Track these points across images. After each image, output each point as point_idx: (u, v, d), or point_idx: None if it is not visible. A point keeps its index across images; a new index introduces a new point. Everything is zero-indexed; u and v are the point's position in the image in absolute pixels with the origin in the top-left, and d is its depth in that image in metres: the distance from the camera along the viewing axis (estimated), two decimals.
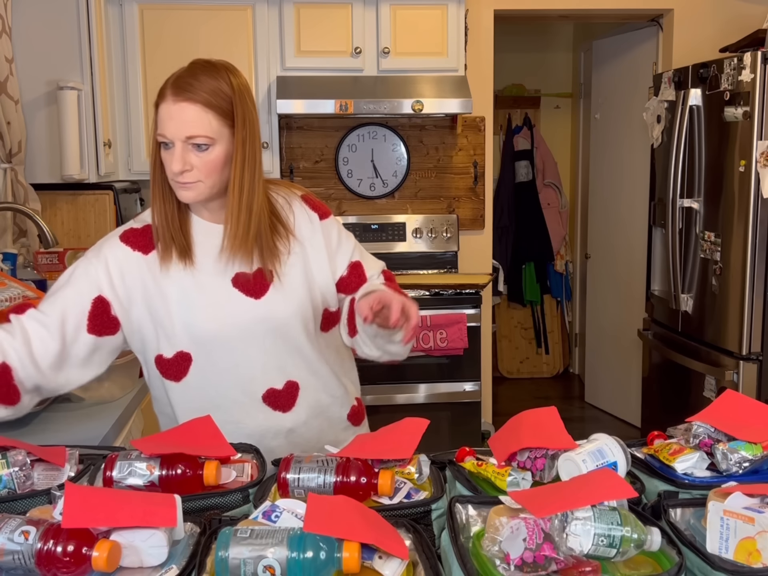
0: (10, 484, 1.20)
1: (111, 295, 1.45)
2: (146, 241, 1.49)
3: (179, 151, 1.39)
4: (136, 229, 1.51)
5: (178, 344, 1.47)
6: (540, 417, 1.33)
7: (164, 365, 1.49)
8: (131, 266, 1.46)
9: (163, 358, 1.48)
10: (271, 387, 1.51)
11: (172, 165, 1.40)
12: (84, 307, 1.43)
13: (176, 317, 1.46)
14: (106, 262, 1.46)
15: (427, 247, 3.96)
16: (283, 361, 1.51)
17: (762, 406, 1.38)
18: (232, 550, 0.95)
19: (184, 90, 1.38)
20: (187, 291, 1.46)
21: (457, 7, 3.55)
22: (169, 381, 1.50)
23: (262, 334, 1.48)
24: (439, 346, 3.36)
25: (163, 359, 1.48)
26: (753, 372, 3.20)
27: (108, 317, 1.45)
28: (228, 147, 1.41)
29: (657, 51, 4.21)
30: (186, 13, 3.44)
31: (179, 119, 1.37)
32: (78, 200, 3.15)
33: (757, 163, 3.05)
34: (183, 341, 1.46)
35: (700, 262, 3.42)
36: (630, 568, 0.99)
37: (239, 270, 1.47)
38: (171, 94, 1.38)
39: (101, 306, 1.44)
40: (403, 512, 1.13)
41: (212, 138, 1.39)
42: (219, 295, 1.47)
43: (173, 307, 1.46)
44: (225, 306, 1.46)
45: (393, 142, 3.98)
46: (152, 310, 1.46)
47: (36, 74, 2.98)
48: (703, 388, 3.40)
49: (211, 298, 1.46)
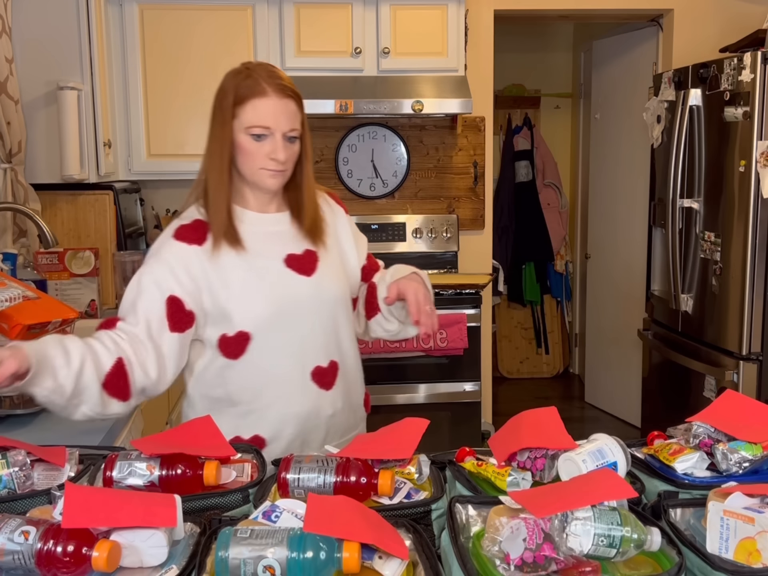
0: (10, 484, 1.21)
1: (181, 292, 1.56)
2: (199, 234, 1.60)
3: (281, 142, 1.56)
4: (186, 225, 1.62)
5: (239, 324, 1.57)
6: (540, 417, 1.33)
7: (226, 344, 1.59)
8: (191, 259, 1.57)
9: (226, 336, 1.59)
10: (318, 365, 1.64)
11: (278, 154, 1.56)
12: (161, 310, 1.54)
13: (237, 299, 1.57)
14: (168, 263, 1.57)
15: (427, 247, 3.96)
16: (328, 339, 1.65)
17: (762, 406, 1.38)
18: (232, 550, 0.95)
19: (286, 89, 1.57)
20: (244, 274, 1.58)
21: (457, 7, 3.55)
22: (228, 359, 1.60)
23: (313, 310, 1.62)
24: (439, 346, 3.36)
25: (225, 338, 1.59)
26: (753, 372, 3.20)
27: (184, 313, 1.56)
28: (302, 142, 1.62)
29: (657, 51, 4.21)
30: (186, 13, 3.44)
31: (286, 113, 1.56)
32: (78, 200, 3.15)
33: (757, 163, 3.05)
34: (243, 321, 1.58)
35: (700, 262, 3.42)
36: (630, 568, 0.99)
37: (290, 252, 1.63)
38: (276, 92, 1.56)
39: (175, 305, 1.55)
40: (403, 512, 1.13)
41: (300, 131, 1.60)
42: (273, 275, 1.61)
43: (234, 291, 1.57)
44: (280, 284, 1.60)
45: (393, 142, 3.98)
46: (215, 295, 1.57)
47: (36, 74, 2.97)
48: (703, 388, 3.40)
49: (266, 279, 1.60)
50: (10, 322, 1.79)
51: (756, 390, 3.20)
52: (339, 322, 1.67)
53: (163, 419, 2.43)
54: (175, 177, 3.61)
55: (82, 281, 2.84)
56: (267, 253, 1.62)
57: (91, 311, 2.86)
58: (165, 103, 3.49)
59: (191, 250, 1.58)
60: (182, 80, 3.47)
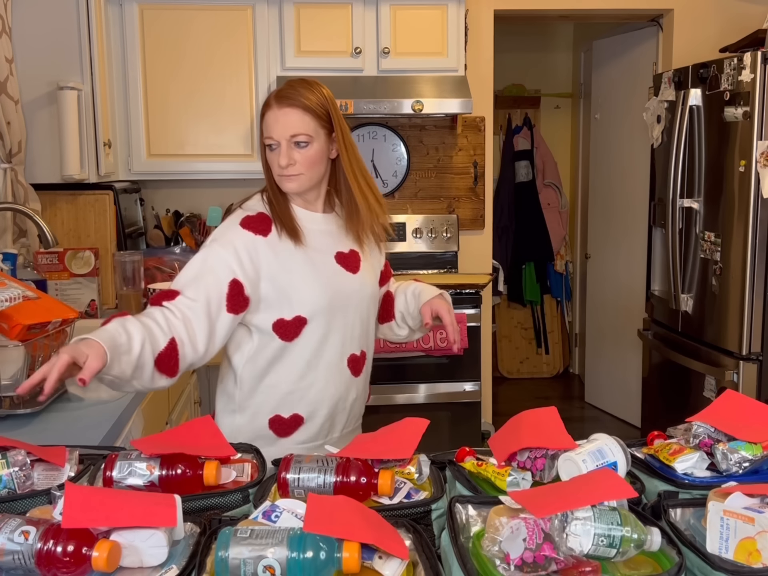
0: (10, 484, 1.21)
1: (243, 277, 1.67)
2: (264, 226, 1.72)
3: (285, 149, 1.68)
4: (252, 216, 1.73)
5: (297, 309, 1.71)
6: (540, 417, 1.34)
7: (283, 327, 1.72)
8: (257, 248, 1.69)
9: (284, 320, 1.72)
10: (353, 353, 1.80)
11: (280, 160, 1.68)
12: (222, 289, 1.65)
13: (297, 287, 1.71)
14: (235, 248, 1.68)
15: (427, 247, 3.96)
16: (363, 330, 1.82)
17: (762, 406, 1.38)
18: (232, 550, 0.95)
19: (286, 98, 1.68)
20: (304, 265, 1.72)
21: (457, 7, 3.55)
22: (284, 341, 1.73)
23: (356, 303, 1.79)
24: (439, 346, 3.36)
25: (283, 321, 1.72)
26: (753, 372, 3.20)
27: (242, 297, 1.68)
28: (324, 145, 1.71)
29: (657, 51, 4.21)
30: (186, 13, 3.44)
31: (284, 121, 1.67)
32: (78, 200, 3.14)
33: (757, 163, 3.05)
34: (301, 307, 1.71)
35: (700, 262, 3.42)
36: (630, 568, 0.99)
37: (339, 250, 1.79)
38: (276, 103, 1.69)
39: (237, 288, 1.66)
40: (403, 512, 1.13)
41: (311, 136, 1.68)
42: (328, 269, 1.75)
43: (295, 278, 1.71)
44: (333, 277, 1.75)
45: (393, 142, 3.98)
46: (276, 282, 1.70)
47: (36, 74, 2.97)
48: (703, 388, 3.40)
49: (323, 272, 1.74)
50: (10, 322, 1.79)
51: (756, 390, 3.20)
52: (371, 316, 1.86)
53: (163, 419, 2.43)
54: (175, 177, 3.61)
55: (82, 281, 2.84)
56: (321, 248, 1.76)
57: (91, 311, 2.86)
58: (165, 103, 3.49)
59: (257, 240, 1.69)
60: (182, 80, 3.47)
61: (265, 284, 1.70)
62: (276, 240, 1.72)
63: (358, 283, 1.79)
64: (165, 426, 2.45)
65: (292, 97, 1.68)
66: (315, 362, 1.75)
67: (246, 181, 3.84)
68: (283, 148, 1.68)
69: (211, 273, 1.65)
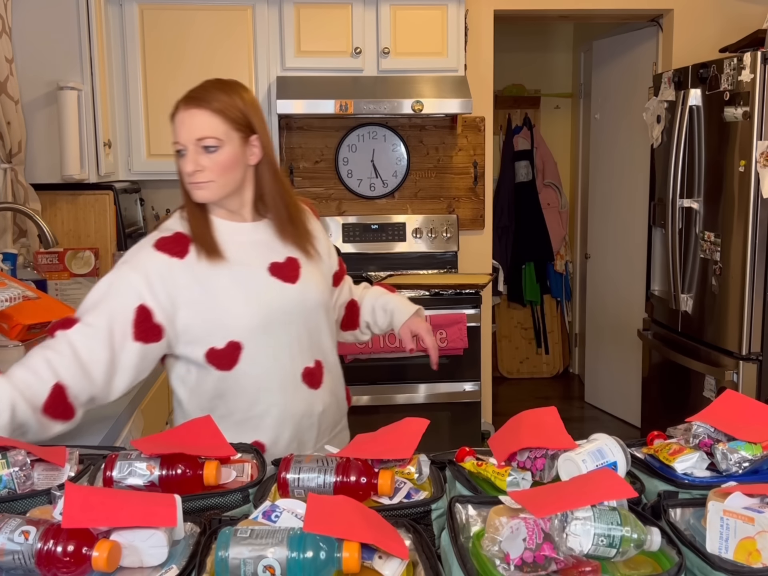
0: (10, 484, 1.20)
1: (153, 303, 1.53)
2: (180, 247, 1.58)
3: (191, 154, 1.54)
4: (167, 237, 1.60)
5: (229, 335, 1.58)
6: (540, 417, 1.33)
7: (216, 356, 1.59)
8: (173, 273, 1.56)
9: (215, 350, 1.58)
10: (306, 366, 1.67)
11: (186, 166, 1.55)
12: (128, 315, 1.51)
13: (225, 311, 1.57)
14: (145, 271, 1.54)
15: (427, 247, 3.96)
16: (312, 341, 1.68)
17: (762, 406, 1.38)
18: (232, 550, 0.95)
19: (193, 99, 1.55)
20: (230, 285, 1.58)
21: (457, 7, 3.55)
22: (221, 371, 1.60)
23: (299, 315, 1.65)
24: (439, 346, 3.35)
25: (215, 351, 1.58)
26: (753, 372, 3.20)
27: (151, 324, 1.53)
28: (237, 150, 1.57)
29: (657, 51, 4.21)
30: (186, 13, 3.44)
31: (190, 124, 1.54)
32: (78, 200, 3.15)
33: (757, 163, 3.05)
34: (233, 332, 1.58)
35: (700, 262, 3.42)
36: (630, 568, 0.99)
37: (272, 260, 1.64)
38: (182, 105, 1.56)
39: (144, 314, 1.52)
40: (403, 512, 1.13)
41: (220, 139, 1.54)
42: (259, 284, 1.61)
43: (221, 302, 1.57)
44: (267, 293, 1.61)
45: (393, 142, 3.98)
46: (199, 310, 1.56)
47: (36, 74, 2.97)
48: (703, 388, 3.40)
49: (252, 289, 1.60)
50: (10, 322, 1.80)
51: (756, 390, 3.20)
52: (321, 324, 1.71)
53: (163, 419, 2.43)
54: (175, 177, 3.59)
55: (82, 281, 2.84)
56: (250, 261, 1.62)
57: None
58: (165, 103, 3.46)
59: (172, 263, 1.56)
60: (182, 80, 3.45)
61: (185, 313, 1.55)
62: (194, 261, 1.57)
63: (298, 294, 1.64)
64: (165, 426, 2.45)
65: (201, 98, 1.55)
66: (265, 385, 1.62)
67: None
68: (190, 154, 1.54)
69: (116, 297, 1.51)
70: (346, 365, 3.36)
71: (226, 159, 1.55)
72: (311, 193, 3.97)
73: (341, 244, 3.89)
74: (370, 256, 3.94)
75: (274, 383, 1.63)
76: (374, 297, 1.88)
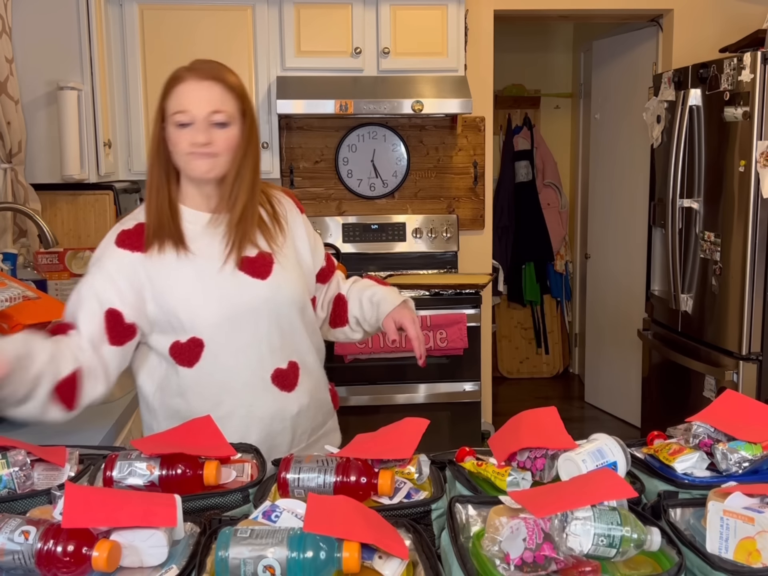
0: (10, 484, 1.21)
1: (121, 305, 1.51)
2: (142, 240, 1.54)
3: (203, 126, 1.47)
4: (129, 230, 1.55)
5: (191, 330, 1.52)
6: (540, 417, 1.33)
7: (179, 351, 1.54)
8: (135, 268, 1.52)
9: (179, 343, 1.54)
10: (278, 367, 1.59)
11: (197, 137, 1.47)
12: (99, 323, 1.50)
13: (187, 305, 1.52)
14: (109, 273, 1.51)
15: (427, 247, 3.96)
16: (284, 341, 1.60)
17: (762, 406, 1.38)
18: (232, 550, 0.95)
19: (209, 71, 1.49)
20: (193, 278, 1.53)
21: (457, 8, 3.55)
22: (182, 367, 1.55)
23: (269, 313, 1.56)
24: (439, 346, 3.36)
25: (178, 345, 1.54)
26: (753, 372, 3.20)
27: (123, 326, 1.51)
28: (239, 132, 1.52)
29: (657, 51, 4.21)
30: (186, 13, 3.44)
31: (207, 95, 1.47)
32: (78, 200, 3.15)
33: (757, 163, 3.05)
34: (195, 327, 1.52)
35: (700, 262, 3.42)
36: (630, 568, 0.99)
37: (243, 254, 1.55)
38: (194, 76, 1.48)
39: (114, 317, 1.50)
40: (403, 512, 1.13)
41: (232, 116, 1.50)
42: (225, 279, 1.54)
43: (181, 295, 1.52)
44: (233, 289, 1.54)
45: (393, 142, 3.98)
46: (162, 302, 1.52)
47: (36, 74, 2.97)
48: (703, 388, 3.40)
49: (216, 284, 1.54)
50: (10, 322, 1.79)
51: (756, 390, 3.20)
52: (295, 323, 1.62)
53: None
54: None
55: None
56: (216, 255, 1.54)
57: None
58: None
59: (134, 258, 1.52)
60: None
61: (152, 306, 1.52)
62: (156, 253, 1.52)
63: (267, 290, 1.55)
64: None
65: (216, 70, 1.50)
66: (230, 386, 1.56)
67: None
68: (201, 125, 1.47)
69: (85, 307, 1.50)
70: (346, 365, 3.37)
71: (234, 137, 1.51)
72: (311, 193, 3.97)
73: (341, 244, 3.89)
74: (370, 256, 3.94)
75: (238, 384, 1.56)
76: (361, 289, 1.77)
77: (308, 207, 3.98)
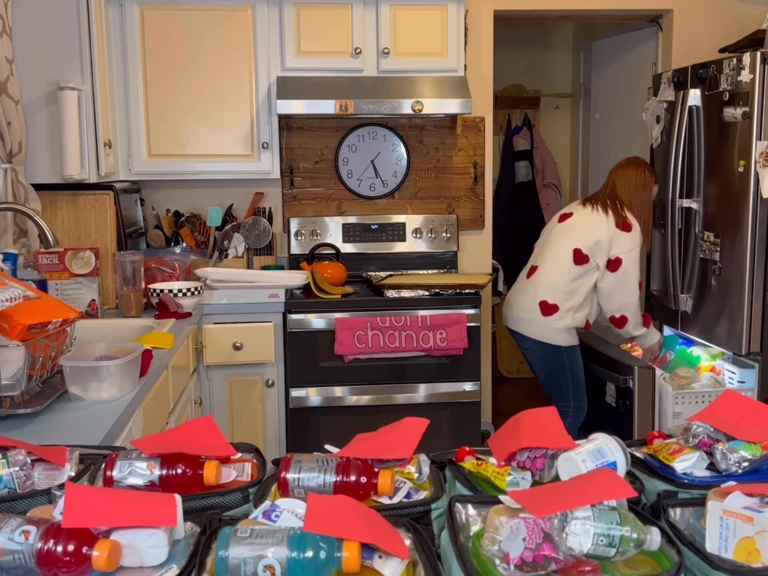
0: (10, 483, 1.21)
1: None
2: None
3: None
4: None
5: None
6: (540, 417, 1.34)
7: None
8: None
9: None
10: None
11: None
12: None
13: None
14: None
15: (427, 247, 3.96)
16: None
17: (762, 406, 1.39)
18: (232, 549, 0.95)
19: None
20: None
21: (457, 8, 3.55)
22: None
23: None
24: (438, 346, 3.36)
25: None
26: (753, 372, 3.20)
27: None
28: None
29: (656, 51, 4.21)
30: (186, 14, 3.44)
31: None
32: (78, 200, 3.15)
33: (757, 163, 3.05)
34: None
35: (700, 262, 3.42)
36: (630, 568, 0.99)
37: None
38: None
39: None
40: (403, 512, 1.13)
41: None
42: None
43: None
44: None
45: (393, 143, 3.98)
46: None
47: (36, 74, 2.98)
48: None
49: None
50: (10, 322, 1.79)
51: (756, 390, 3.20)
52: None
53: (163, 419, 2.43)
54: (176, 177, 3.61)
55: (82, 281, 2.84)
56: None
57: (92, 311, 2.86)
58: (165, 103, 3.49)
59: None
60: (182, 80, 3.47)
61: None
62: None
63: None
64: (165, 426, 2.45)
65: None
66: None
67: (246, 182, 3.85)
68: None
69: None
70: (346, 365, 3.37)
71: None
72: (311, 193, 3.97)
73: (341, 244, 3.89)
74: (370, 256, 3.94)
75: None
76: None
77: (308, 207, 3.98)
